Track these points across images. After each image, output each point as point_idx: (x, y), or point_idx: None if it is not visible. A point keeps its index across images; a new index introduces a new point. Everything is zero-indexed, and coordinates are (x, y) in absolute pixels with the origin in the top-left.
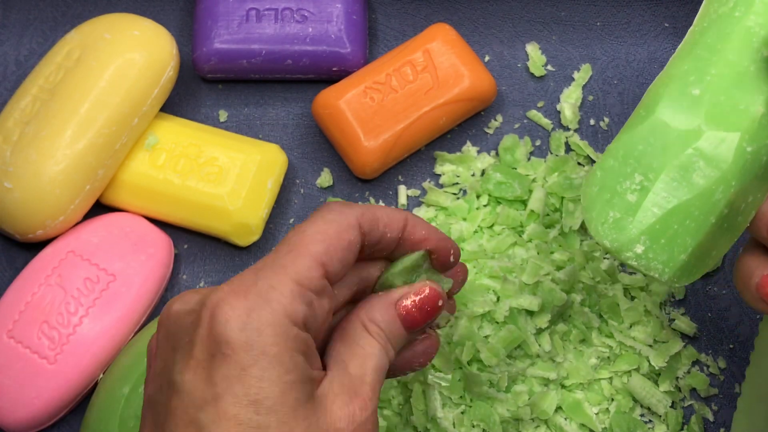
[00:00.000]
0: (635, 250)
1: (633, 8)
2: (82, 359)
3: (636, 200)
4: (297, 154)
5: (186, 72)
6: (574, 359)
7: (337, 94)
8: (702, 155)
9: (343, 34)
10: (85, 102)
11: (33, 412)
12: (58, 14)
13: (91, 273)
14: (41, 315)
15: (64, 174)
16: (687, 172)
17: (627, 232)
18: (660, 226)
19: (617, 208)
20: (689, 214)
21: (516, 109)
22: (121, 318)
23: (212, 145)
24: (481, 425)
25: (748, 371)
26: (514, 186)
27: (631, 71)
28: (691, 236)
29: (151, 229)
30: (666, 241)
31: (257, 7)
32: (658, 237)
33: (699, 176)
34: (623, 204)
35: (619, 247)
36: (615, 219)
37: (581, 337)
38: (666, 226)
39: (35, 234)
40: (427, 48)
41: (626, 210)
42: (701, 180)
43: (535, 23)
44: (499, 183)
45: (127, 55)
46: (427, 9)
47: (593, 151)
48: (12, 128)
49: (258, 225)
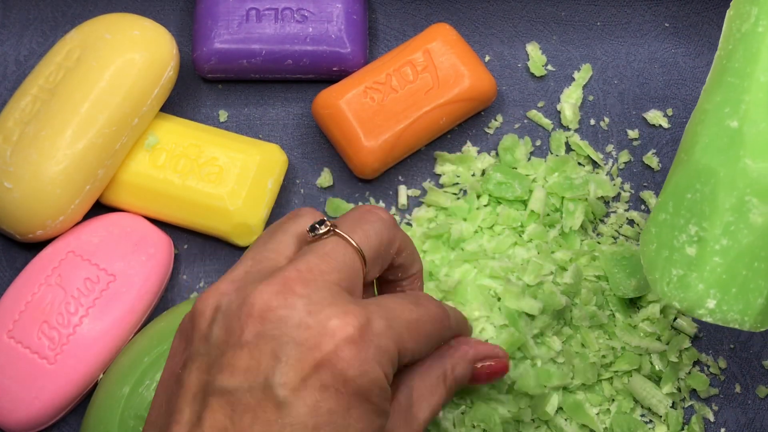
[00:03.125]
0: (707, 306)
1: (633, 8)
2: (82, 359)
3: (696, 253)
4: (297, 154)
5: (186, 72)
6: (577, 361)
7: (337, 94)
8: (754, 192)
9: (343, 34)
10: (86, 102)
11: (33, 412)
12: (58, 14)
13: (91, 273)
14: (41, 315)
15: (64, 174)
16: (742, 213)
17: (694, 289)
18: (727, 275)
19: (679, 264)
20: (756, 256)
21: (516, 109)
22: (121, 318)
23: (212, 145)
24: (482, 426)
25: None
26: (514, 186)
27: (631, 71)
28: (764, 278)
29: (151, 229)
30: (738, 289)
31: (257, 7)
32: (729, 287)
33: (756, 215)
34: (684, 259)
35: (689, 306)
36: (679, 276)
37: (582, 340)
38: (734, 274)
39: (35, 234)
40: (427, 48)
41: (689, 265)
42: (759, 218)
43: (535, 23)
44: (500, 183)
45: (127, 55)
46: (427, 9)
47: (593, 151)
48: (12, 128)
49: (258, 225)
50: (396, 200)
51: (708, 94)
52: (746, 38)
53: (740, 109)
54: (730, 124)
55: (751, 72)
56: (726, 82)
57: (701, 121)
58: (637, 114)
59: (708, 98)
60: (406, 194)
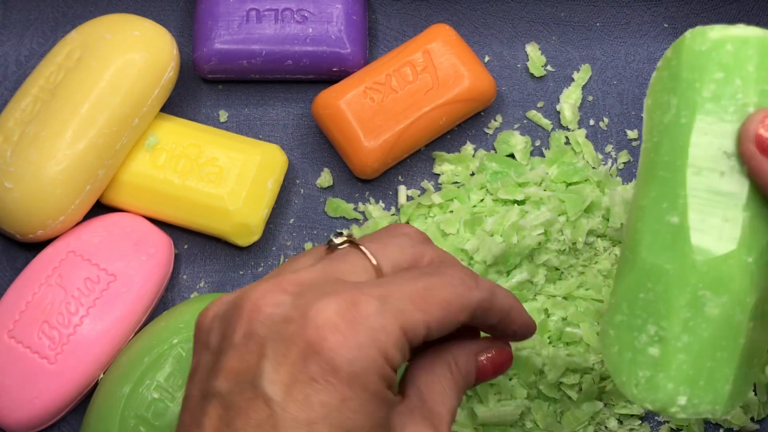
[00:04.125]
0: (679, 403)
1: (633, 8)
2: (83, 359)
3: (660, 353)
4: (297, 154)
5: (186, 72)
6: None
7: (337, 95)
8: (706, 285)
9: (343, 34)
10: (86, 102)
11: (33, 412)
12: (58, 14)
13: (91, 273)
14: (41, 315)
15: (64, 174)
16: (698, 308)
17: (664, 389)
18: (693, 370)
19: (644, 365)
20: (718, 346)
21: (516, 110)
22: (121, 318)
23: (212, 146)
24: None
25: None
26: (510, 174)
27: (631, 71)
28: (727, 365)
29: (151, 229)
30: (705, 381)
31: (257, 7)
32: (696, 381)
33: (711, 307)
34: (649, 360)
35: (662, 406)
36: (647, 378)
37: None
38: (700, 367)
39: (36, 234)
40: (427, 48)
41: (654, 366)
42: (715, 310)
43: (535, 23)
44: (495, 172)
45: (127, 55)
46: (427, 9)
47: (593, 149)
48: (13, 128)
49: (258, 225)
50: (396, 200)
51: (642, 189)
52: (670, 130)
53: (678, 204)
54: (670, 219)
55: (682, 165)
56: (658, 176)
57: (640, 218)
58: (636, 114)
59: (643, 194)
60: (406, 194)
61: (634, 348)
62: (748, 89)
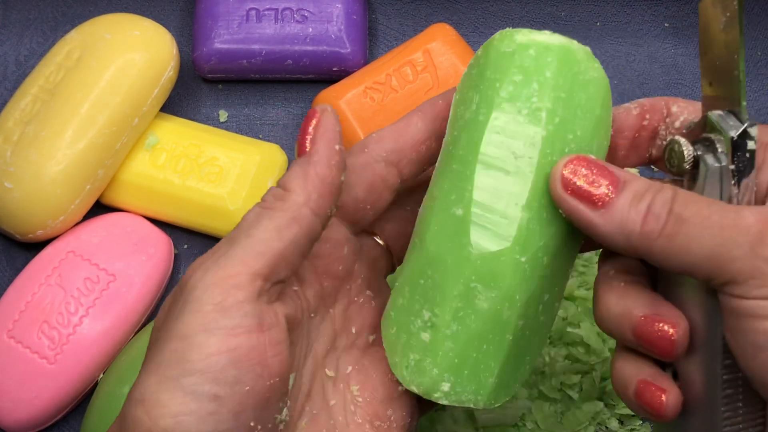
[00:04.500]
0: (442, 389)
1: (633, 8)
2: (82, 359)
3: (430, 339)
4: None
5: (186, 72)
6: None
7: (337, 94)
8: (479, 279)
9: (343, 34)
10: (86, 102)
11: (33, 412)
12: (58, 14)
13: (91, 273)
14: (41, 315)
15: (64, 174)
16: (469, 300)
17: (429, 374)
18: (459, 359)
19: (416, 349)
20: (485, 339)
21: None
22: (121, 318)
23: (212, 145)
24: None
25: None
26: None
27: (631, 71)
28: (493, 359)
29: (151, 229)
30: (469, 371)
31: (257, 7)
32: (461, 370)
33: (481, 300)
34: (420, 344)
35: (426, 390)
36: (416, 361)
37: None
38: (465, 357)
39: (35, 234)
40: (427, 48)
41: (424, 351)
42: (484, 304)
43: (535, 23)
44: None
45: (127, 55)
46: (427, 9)
47: None
48: (12, 128)
49: None
50: None
51: (436, 180)
52: (469, 126)
53: (464, 198)
54: (455, 211)
55: (473, 160)
56: (452, 169)
57: (430, 207)
58: None
59: (436, 184)
60: None
61: (409, 331)
62: (544, 94)
